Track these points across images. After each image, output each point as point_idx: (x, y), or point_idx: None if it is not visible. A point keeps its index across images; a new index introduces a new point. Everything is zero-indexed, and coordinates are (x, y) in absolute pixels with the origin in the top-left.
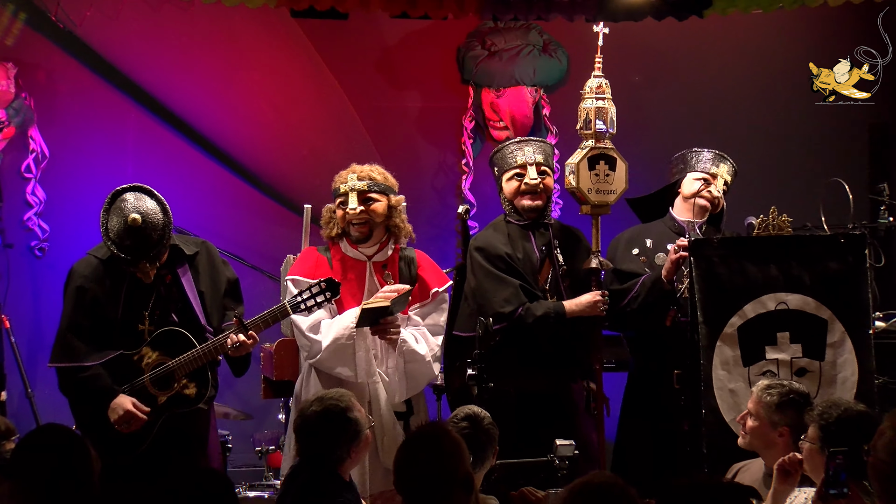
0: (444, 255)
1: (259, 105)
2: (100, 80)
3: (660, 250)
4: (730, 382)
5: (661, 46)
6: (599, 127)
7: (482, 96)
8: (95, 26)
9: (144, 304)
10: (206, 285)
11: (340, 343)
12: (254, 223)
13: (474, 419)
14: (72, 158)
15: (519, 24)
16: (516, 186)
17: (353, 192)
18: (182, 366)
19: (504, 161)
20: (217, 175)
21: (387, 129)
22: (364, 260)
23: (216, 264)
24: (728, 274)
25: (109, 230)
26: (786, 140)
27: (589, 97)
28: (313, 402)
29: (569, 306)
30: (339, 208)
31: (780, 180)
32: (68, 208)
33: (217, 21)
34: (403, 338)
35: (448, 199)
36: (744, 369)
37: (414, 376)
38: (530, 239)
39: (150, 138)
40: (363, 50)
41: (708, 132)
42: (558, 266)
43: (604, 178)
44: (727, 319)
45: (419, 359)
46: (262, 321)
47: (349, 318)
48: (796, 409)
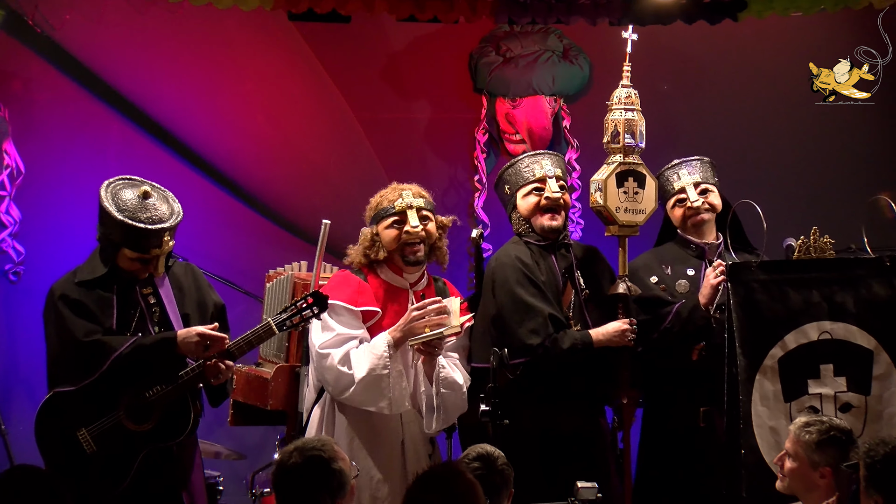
0: (455, 281)
1: (253, 116)
2: (80, 89)
3: (680, 277)
4: (770, 419)
5: (692, 52)
6: (628, 141)
7: (497, 106)
8: (76, 30)
9: (127, 325)
10: (192, 308)
11: (375, 375)
12: (247, 245)
13: (487, 459)
14: (50, 174)
15: (537, 28)
16: (535, 202)
17: (413, 210)
18: (161, 397)
19: (519, 176)
20: (207, 192)
21: (393, 143)
22: (406, 288)
23: (203, 287)
24: (768, 301)
25: (122, 209)
26: (829, 154)
27: (617, 108)
28: (293, 451)
29: (596, 335)
30: (391, 228)
31: (821, 197)
32: (46, 229)
33: (208, 25)
34: (441, 364)
35: (460, 219)
36: (785, 405)
37: (448, 407)
38: (552, 261)
39: (135, 152)
40: (367, 56)
41: (745, 146)
42: (581, 291)
43: (632, 196)
44: (767, 351)
45: (457, 388)
46: (246, 343)
47: (382, 345)
48: (838, 448)
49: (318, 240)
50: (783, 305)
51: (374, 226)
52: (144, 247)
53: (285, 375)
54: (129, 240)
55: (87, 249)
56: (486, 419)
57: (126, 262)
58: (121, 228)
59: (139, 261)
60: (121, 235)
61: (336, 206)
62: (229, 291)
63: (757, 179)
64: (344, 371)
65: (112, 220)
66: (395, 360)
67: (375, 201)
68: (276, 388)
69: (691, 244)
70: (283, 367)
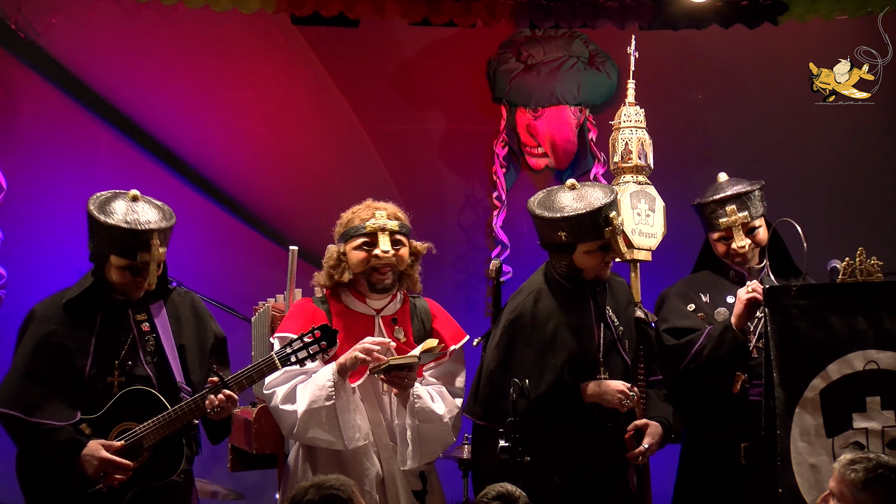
0: (473, 305)
1: (254, 128)
2: (67, 99)
3: (719, 305)
4: (811, 456)
5: (729, 58)
6: (641, 161)
7: (517, 117)
8: (62, 35)
9: (116, 353)
10: (190, 339)
11: (317, 407)
12: (247, 267)
13: (508, 499)
14: (34, 191)
15: (561, 33)
16: (601, 259)
17: (385, 232)
18: (152, 432)
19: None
20: (204, 210)
21: (404, 157)
22: (372, 314)
23: (202, 317)
24: (809, 328)
25: (109, 213)
26: (884, 169)
27: (626, 126)
28: (309, 488)
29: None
30: (360, 250)
31: (870, 214)
32: (30, 250)
33: (205, 29)
34: (418, 393)
35: (477, 240)
36: (827, 441)
37: (427, 439)
38: (587, 300)
39: (127, 167)
40: (377, 63)
41: (785, 160)
42: (616, 328)
43: (645, 218)
44: (808, 382)
45: (435, 419)
46: (246, 378)
47: (325, 374)
48: (887, 488)
49: (288, 268)
50: (825, 332)
51: (341, 244)
52: (132, 250)
53: (269, 416)
54: (116, 244)
55: (74, 271)
56: (504, 456)
57: (116, 275)
58: (107, 232)
59: (129, 270)
60: (108, 241)
61: None
62: (227, 317)
63: (800, 196)
64: (286, 409)
65: (98, 224)
66: (341, 390)
67: (346, 217)
68: (259, 430)
69: (731, 270)
70: (265, 408)
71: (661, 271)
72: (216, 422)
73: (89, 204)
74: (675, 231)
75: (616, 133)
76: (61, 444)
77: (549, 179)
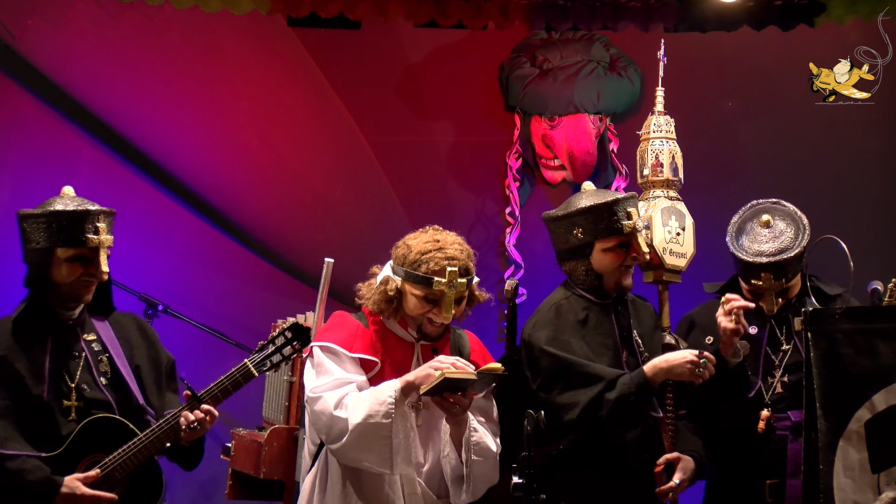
0: (483, 332)
1: (247, 139)
2: (44, 107)
3: (742, 337)
4: (854, 493)
5: (762, 63)
6: (672, 175)
7: (532, 127)
8: (39, 38)
9: (71, 375)
10: (143, 360)
11: (373, 423)
12: (240, 290)
13: None
14: (7, 207)
15: (579, 36)
16: (620, 260)
17: (452, 292)
18: (124, 461)
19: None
20: (193, 227)
21: (410, 171)
22: (412, 341)
23: (152, 340)
24: (853, 355)
25: (51, 205)
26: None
27: (657, 137)
28: None
29: (652, 367)
30: (420, 301)
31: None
32: (4, 270)
33: (194, 32)
34: (473, 426)
35: (488, 259)
36: (872, 477)
37: (478, 479)
38: (610, 320)
39: (108, 181)
40: (380, 69)
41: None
42: (641, 353)
43: (675, 237)
44: (853, 413)
45: (490, 456)
46: (221, 390)
47: (388, 389)
48: None
49: (321, 281)
50: (871, 360)
51: (399, 278)
52: (80, 236)
53: (281, 439)
54: (62, 231)
55: None
56: (518, 493)
57: (66, 270)
58: (46, 222)
59: (79, 261)
60: (52, 233)
61: (343, 244)
62: (220, 344)
63: (836, 211)
64: (338, 416)
65: (39, 219)
66: (401, 409)
67: (414, 256)
68: (269, 453)
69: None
70: (278, 430)
71: (688, 294)
72: (186, 446)
73: (21, 212)
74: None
75: (645, 144)
76: (34, 486)
77: (567, 194)
